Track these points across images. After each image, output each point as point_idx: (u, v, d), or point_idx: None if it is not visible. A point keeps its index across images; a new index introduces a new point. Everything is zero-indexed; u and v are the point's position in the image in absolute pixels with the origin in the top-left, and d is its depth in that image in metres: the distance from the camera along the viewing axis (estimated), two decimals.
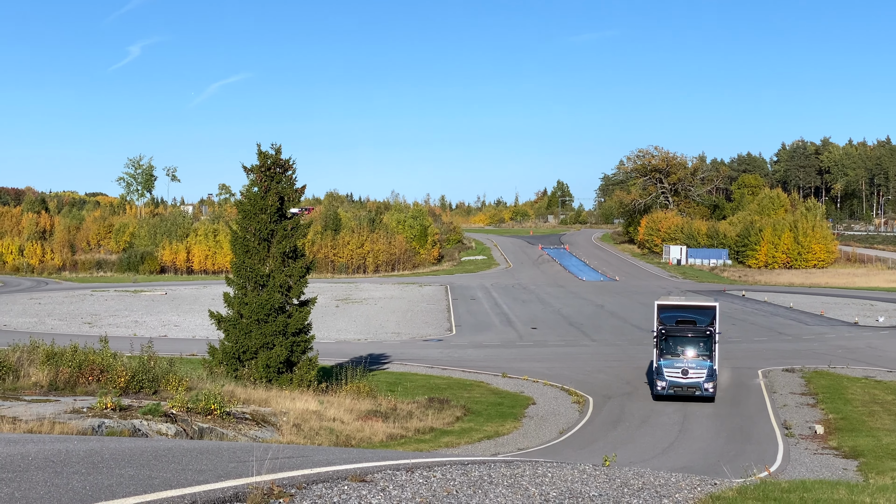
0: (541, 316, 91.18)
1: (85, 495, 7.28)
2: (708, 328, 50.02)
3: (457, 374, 57.76)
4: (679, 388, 48.46)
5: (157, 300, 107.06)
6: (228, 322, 46.49)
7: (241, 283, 46.80)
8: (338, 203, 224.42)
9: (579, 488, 11.47)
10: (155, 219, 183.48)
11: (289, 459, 11.60)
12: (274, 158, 47.36)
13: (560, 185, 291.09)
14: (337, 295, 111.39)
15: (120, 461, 10.01)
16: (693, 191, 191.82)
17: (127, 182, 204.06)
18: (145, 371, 35.74)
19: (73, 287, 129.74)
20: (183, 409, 30.35)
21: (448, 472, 11.30)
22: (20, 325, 78.83)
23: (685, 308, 52.97)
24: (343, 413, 39.42)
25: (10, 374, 34.44)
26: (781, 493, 12.34)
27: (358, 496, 8.70)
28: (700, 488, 13.18)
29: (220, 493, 7.75)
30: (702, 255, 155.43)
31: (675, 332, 49.77)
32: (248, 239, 47.04)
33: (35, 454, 10.37)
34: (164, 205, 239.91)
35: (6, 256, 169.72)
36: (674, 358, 49.08)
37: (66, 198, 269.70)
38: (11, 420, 24.61)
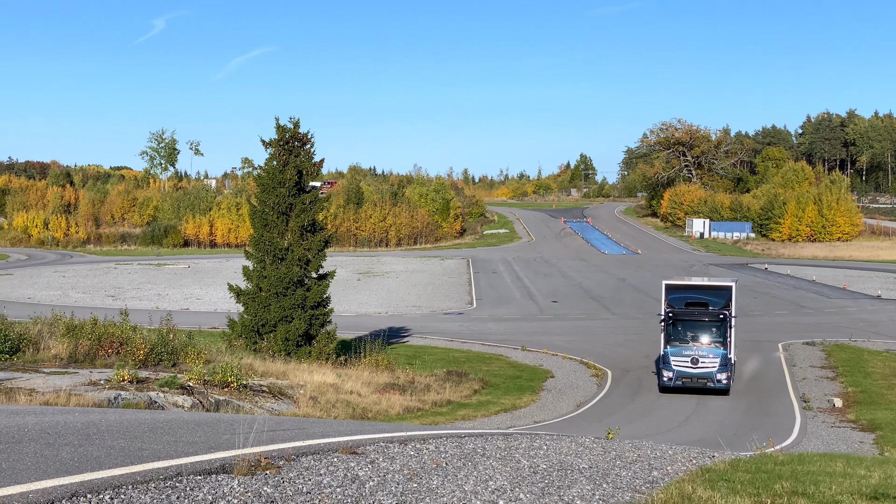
0: (562, 289, 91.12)
1: (71, 467, 7.36)
2: (722, 311, 44.58)
3: (476, 347, 57.86)
4: (688, 379, 43.34)
5: (180, 273, 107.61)
6: (247, 295, 46.71)
7: (260, 257, 46.99)
8: (360, 177, 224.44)
9: (571, 461, 11.51)
10: (178, 192, 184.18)
11: (284, 432, 11.69)
12: (292, 132, 47.42)
13: (583, 159, 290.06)
14: (359, 268, 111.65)
15: (114, 433, 10.11)
16: (717, 164, 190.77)
17: (150, 156, 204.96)
18: (164, 344, 35.99)
19: (97, 260, 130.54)
20: (200, 382, 30.57)
21: (442, 444, 11.35)
22: (44, 298, 79.40)
23: (696, 288, 48.27)
24: (360, 386, 39.59)
25: (31, 347, 34.73)
26: (774, 466, 12.35)
27: (346, 468, 8.77)
28: (696, 461, 13.20)
29: (207, 465, 7.82)
30: (725, 229, 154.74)
31: (684, 315, 44.77)
32: (266, 213, 47.18)
33: (32, 426, 10.49)
34: (187, 179, 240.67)
35: (31, 230, 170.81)
36: (682, 345, 44.02)
37: (91, 171, 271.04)
38: (28, 392, 24.86)
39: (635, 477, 11.03)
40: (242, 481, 7.53)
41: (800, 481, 10.79)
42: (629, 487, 10.19)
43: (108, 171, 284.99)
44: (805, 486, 10.40)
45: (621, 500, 9.44)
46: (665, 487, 10.15)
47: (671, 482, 10.62)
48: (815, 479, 11.07)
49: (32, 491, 6.22)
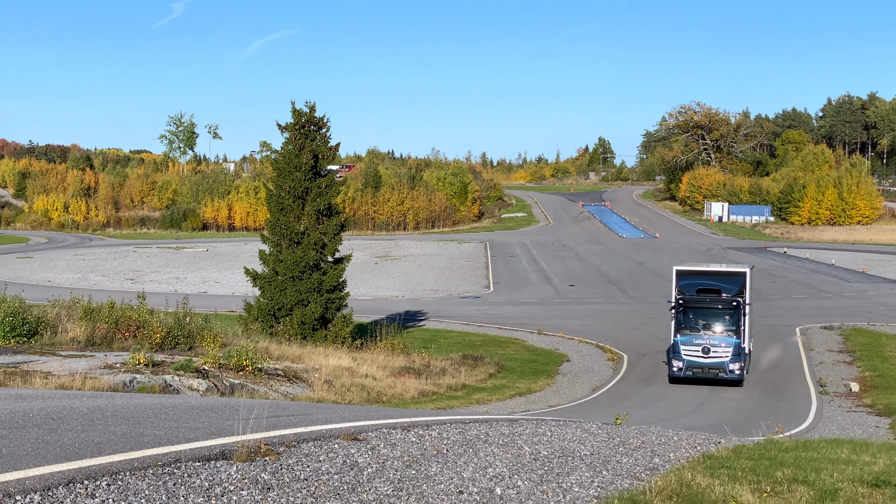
0: (579, 273, 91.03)
1: (71, 453, 7.42)
2: (735, 298, 42.65)
3: (492, 331, 57.89)
4: (699, 370, 41.60)
5: (199, 257, 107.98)
6: (264, 279, 46.86)
7: (276, 241, 47.12)
8: (378, 160, 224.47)
9: (573, 447, 11.53)
10: (197, 176, 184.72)
11: (288, 417, 11.75)
12: (308, 116, 47.48)
13: (602, 142, 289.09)
14: (376, 252, 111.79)
15: (118, 419, 10.18)
16: (736, 147, 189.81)
17: (169, 140, 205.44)
18: (181, 327, 36.18)
19: (116, 243, 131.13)
20: (215, 365, 30.71)
21: (446, 430, 11.38)
22: (64, 281, 79.84)
23: (708, 274, 46.25)
24: (376, 370, 39.70)
25: (49, 330, 34.97)
26: (778, 453, 12.34)
27: (346, 454, 8.81)
28: (702, 447, 13.20)
29: (207, 451, 7.87)
30: (744, 212, 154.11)
31: (696, 302, 42.87)
32: (282, 196, 47.28)
33: (38, 411, 10.57)
34: (206, 162, 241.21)
35: (52, 213, 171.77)
36: (693, 333, 42.15)
37: (111, 155, 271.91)
38: (44, 375, 25.03)
39: (636, 464, 11.04)
40: (241, 468, 7.58)
41: (801, 468, 10.79)
42: (629, 475, 10.21)
43: (128, 154, 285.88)
44: (806, 474, 10.40)
45: (620, 487, 9.46)
46: (665, 475, 10.17)
47: (671, 469, 10.63)
48: (817, 466, 11.06)
49: (30, 477, 6.29)
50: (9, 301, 34.53)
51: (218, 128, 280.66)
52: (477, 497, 8.06)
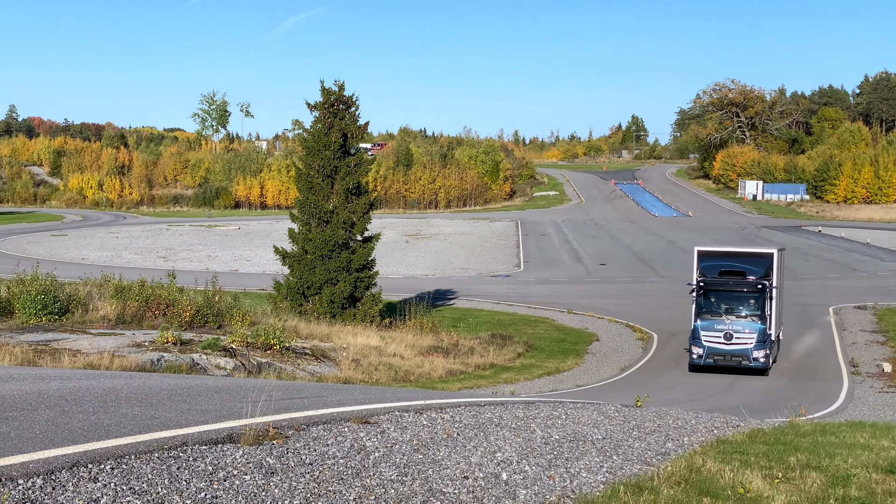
0: (610, 252, 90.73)
1: (79, 436, 7.47)
2: (761, 281, 39.85)
3: (522, 310, 57.83)
4: (720, 357, 39.44)
5: (231, 235, 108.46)
6: (293, 258, 47.00)
7: (306, 220, 47.22)
8: (410, 138, 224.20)
9: (586, 431, 11.49)
10: (229, 154, 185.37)
11: (301, 400, 11.75)
12: (337, 95, 47.49)
13: (635, 120, 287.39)
14: (407, 230, 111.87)
15: (131, 401, 10.22)
16: (771, 124, 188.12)
17: (202, 118, 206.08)
18: (210, 306, 36.38)
19: (149, 221, 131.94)
20: (243, 344, 30.86)
21: (459, 413, 11.37)
22: (97, 259, 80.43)
23: (732, 255, 43.43)
24: (404, 349, 39.76)
25: (80, 308, 35.24)
26: (794, 437, 12.24)
27: (354, 438, 8.81)
28: (719, 430, 13.12)
29: (215, 434, 7.90)
30: (778, 191, 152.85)
31: (717, 285, 40.23)
32: (312, 175, 47.36)
33: (54, 392, 10.64)
34: (238, 140, 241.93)
35: (86, 191, 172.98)
36: (714, 318, 39.80)
37: (145, 133, 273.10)
38: (73, 353, 25.25)
39: (648, 448, 10.99)
40: (247, 452, 7.60)
41: (815, 454, 10.70)
42: (639, 459, 10.16)
43: (162, 132, 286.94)
44: (819, 459, 10.32)
45: (629, 472, 9.41)
46: (675, 459, 10.11)
47: (682, 454, 10.57)
48: (832, 451, 10.96)
49: (34, 461, 6.33)
50: (41, 279, 34.80)
51: (250, 106, 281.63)
52: (482, 482, 8.05)
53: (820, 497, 8.58)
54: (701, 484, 8.85)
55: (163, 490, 6.35)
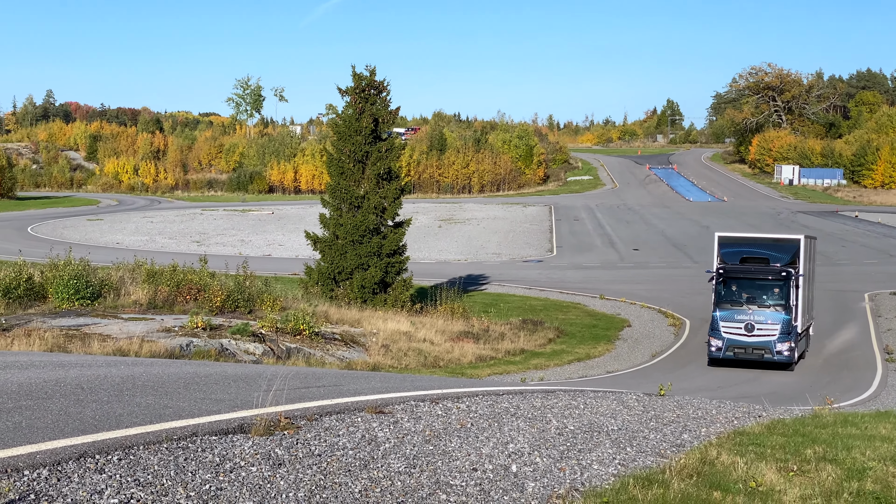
0: (644, 237, 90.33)
1: (90, 426, 7.49)
2: (786, 268, 37.55)
3: (554, 295, 57.70)
4: (741, 350, 37.35)
5: (264, 219, 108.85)
6: (324, 243, 47.12)
7: (337, 205, 47.31)
8: (444, 123, 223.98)
9: (603, 421, 11.42)
10: (263, 139, 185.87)
11: (318, 389, 11.74)
12: (368, 80, 47.48)
13: (670, 104, 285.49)
14: (440, 215, 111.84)
15: (147, 389, 10.25)
16: (808, 109, 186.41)
17: (236, 103, 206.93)
18: (241, 291, 36.49)
19: (184, 206, 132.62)
20: (272, 329, 30.99)
21: (476, 402, 11.33)
22: (132, 243, 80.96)
23: (755, 242, 41.32)
24: (434, 334, 39.77)
25: (112, 293, 35.49)
26: (814, 429, 12.10)
27: (366, 428, 8.80)
28: (740, 420, 13.01)
29: (225, 424, 7.90)
30: (815, 175, 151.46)
31: (738, 272, 37.96)
32: (343, 160, 47.42)
33: (71, 380, 10.69)
34: (273, 125, 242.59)
35: (122, 175, 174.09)
36: (735, 308, 37.59)
37: (181, 118, 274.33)
38: (103, 338, 25.45)
39: (664, 440, 10.91)
40: (257, 442, 7.61)
41: (833, 446, 10.59)
42: (653, 451, 10.09)
43: (197, 117, 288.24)
44: (836, 452, 10.20)
45: (641, 464, 9.35)
46: (689, 452, 10.03)
47: (697, 446, 10.49)
48: (851, 443, 10.84)
49: (41, 451, 6.37)
50: (74, 264, 35.08)
51: (284, 90, 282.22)
52: (490, 475, 8.02)
53: (834, 491, 8.49)
54: (712, 477, 8.78)
55: (167, 482, 6.36)
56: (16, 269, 34.18)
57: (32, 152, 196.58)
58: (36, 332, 24.79)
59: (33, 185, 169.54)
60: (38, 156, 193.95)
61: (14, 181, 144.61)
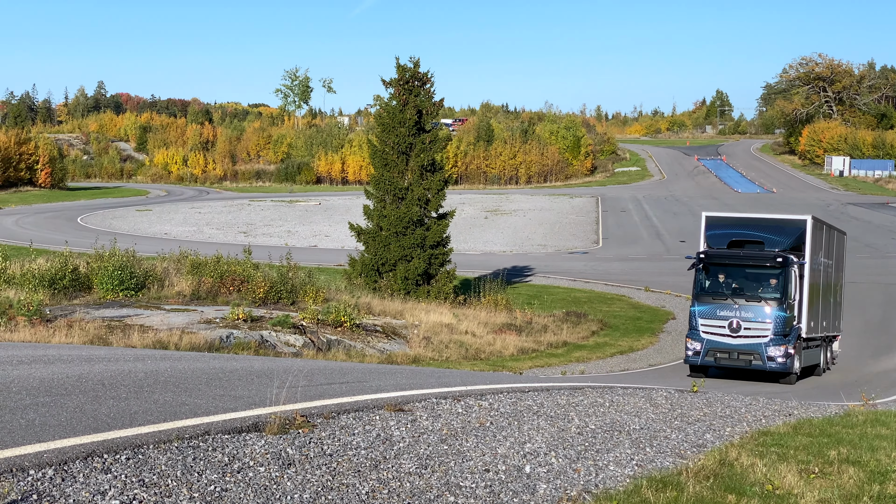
0: (691, 229, 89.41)
1: (103, 423, 7.50)
2: (783, 254, 30.44)
3: (599, 287, 57.38)
4: (724, 355, 30.43)
5: (311, 210, 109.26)
6: (368, 234, 47.17)
7: (380, 196, 47.34)
8: (491, 114, 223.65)
9: (626, 420, 11.28)
10: (311, 130, 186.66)
11: (341, 385, 11.71)
12: (412, 72, 47.42)
13: (719, 95, 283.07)
14: (486, 206, 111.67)
15: (167, 386, 10.27)
16: (859, 99, 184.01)
17: (284, 94, 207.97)
18: (284, 282, 36.60)
19: (232, 197, 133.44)
20: (313, 321, 31.06)
21: (499, 400, 11.23)
22: (180, 234, 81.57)
23: (749, 223, 34.62)
24: (476, 326, 39.66)
25: (156, 283, 35.80)
26: (842, 428, 11.89)
27: (383, 426, 8.74)
28: (769, 419, 12.81)
29: (240, 423, 7.88)
30: (866, 167, 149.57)
31: (723, 258, 31.32)
32: (386, 152, 47.43)
33: (94, 375, 10.76)
34: (321, 116, 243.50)
35: (171, 166, 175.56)
36: (718, 302, 30.66)
37: (230, 109, 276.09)
38: (143, 329, 25.67)
39: (685, 440, 10.76)
40: (269, 441, 7.58)
41: (857, 447, 10.40)
42: (673, 452, 9.95)
43: (246, 108, 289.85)
44: (860, 453, 10.02)
45: (660, 465, 9.21)
46: (709, 452, 9.89)
47: (717, 447, 10.33)
48: (877, 444, 10.64)
49: (49, 450, 6.38)
50: (118, 255, 35.43)
51: (332, 82, 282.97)
52: (503, 475, 7.94)
53: (854, 494, 8.32)
54: (730, 479, 8.64)
55: (172, 482, 6.34)
56: (62, 260, 34.60)
57: (83, 143, 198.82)
58: (78, 324, 25.05)
59: (84, 176, 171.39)
60: (89, 147, 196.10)
61: (65, 172, 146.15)
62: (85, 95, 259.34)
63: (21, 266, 35.61)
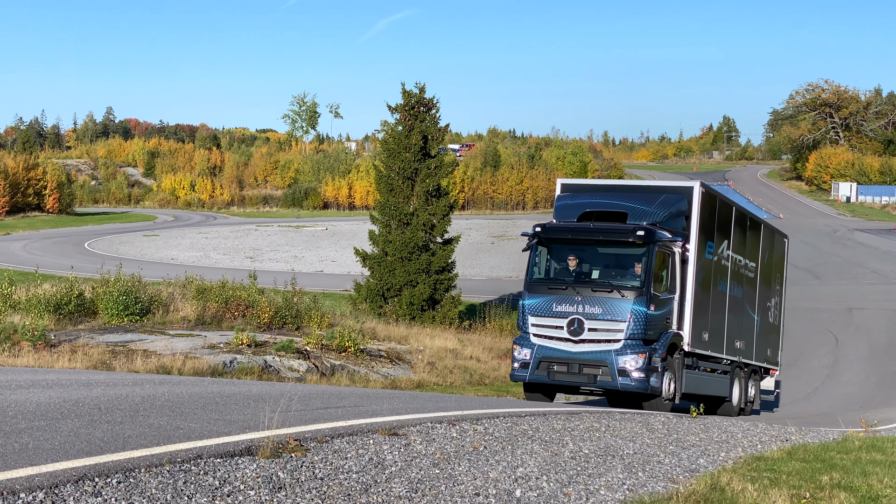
0: None
1: (96, 447, 7.55)
2: (651, 227, 21.53)
3: None
4: (561, 368, 21.48)
5: (318, 235, 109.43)
6: (373, 259, 47.29)
7: (386, 222, 47.49)
8: (498, 139, 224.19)
9: (620, 445, 11.31)
10: (318, 155, 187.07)
11: (337, 409, 11.77)
12: (418, 97, 47.66)
13: (726, 121, 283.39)
14: (493, 231, 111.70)
15: (163, 409, 10.32)
16: (865, 125, 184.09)
17: (292, 119, 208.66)
18: (289, 307, 36.71)
19: (239, 222, 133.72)
20: (317, 346, 31.14)
21: (495, 424, 11.27)
22: (186, 259, 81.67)
23: (613, 190, 25.90)
24: (481, 351, 39.71)
25: (161, 308, 35.92)
26: (837, 453, 11.92)
27: (377, 450, 8.78)
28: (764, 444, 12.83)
29: (232, 447, 7.92)
30: (873, 193, 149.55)
31: (566, 231, 22.65)
32: (392, 177, 47.60)
33: (90, 399, 10.81)
34: (328, 141, 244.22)
35: (179, 191, 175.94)
36: (555, 293, 21.85)
37: (238, 134, 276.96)
38: (146, 354, 25.73)
39: (678, 465, 10.79)
40: (261, 465, 7.62)
41: (850, 473, 10.41)
42: (665, 476, 9.98)
43: (254, 133, 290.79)
44: (852, 478, 10.04)
45: (651, 490, 9.24)
46: (700, 477, 9.92)
47: (709, 472, 10.37)
48: (870, 469, 10.65)
49: (41, 474, 6.42)
50: (123, 280, 35.56)
51: (339, 107, 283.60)
52: (493, 500, 7.93)
53: None
54: None
55: None
56: (67, 285, 34.73)
57: (91, 168, 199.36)
58: (82, 349, 25.14)
59: (92, 201, 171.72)
60: (97, 172, 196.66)
61: (73, 197, 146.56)
62: (94, 121, 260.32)
63: (26, 291, 35.76)
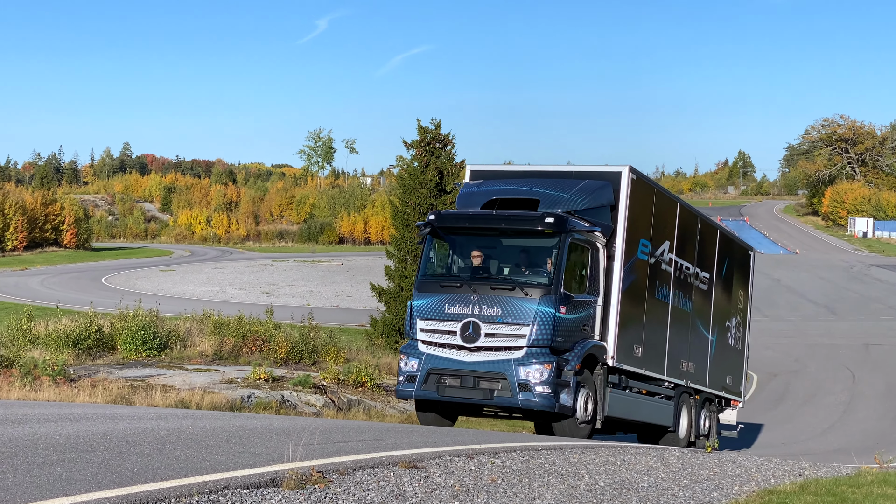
0: None
1: (126, 478, 7.76)
2: (563, 214, 18.39)
3: None
4: (454, 381, 18.30)
5: (333, 270, 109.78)
6: (389, 294, 47.46)
7: (402, 257, 47.71)
8: None
9: (635, 478, 11.48)
10: (334, 190, 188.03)
11: (357, 443, 11.99)
12: (434, 133, 48.03)
13: (742, 156, 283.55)
14: None
15: (189, 442, 10.56)
16: (882, 160, 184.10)
17: (308, 154, 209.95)
18: (305, 342, 36.97)
19: (255, 257, 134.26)
20: (334, 381, 31.36)
21: (512, 458, 11.47)
22: (202, 294, 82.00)
23: (525, 175, 21.42)
24: None
25: (179, 343, 36.22)
26: (849, 488, 12.04)
27: (397, 483, 8.98)
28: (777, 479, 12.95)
29: (258, 478, 8.13)
30: (890, 228, 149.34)
31: (463, 220, 19.66)
32: (408, 213, 47.86)
33: (119, 432, 11.05)
34: (344, 176, 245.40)
35: (195, 227, 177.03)
36: (447, 292, 18.81)
37: (253, 169, 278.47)
38: (165, 389, 26.00)
39: (692, 498, 10.93)
40: (286, 496, 7.82)
41: None
42: None
43: (270, 168, 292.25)
44: None
45: None
46: None
47: None
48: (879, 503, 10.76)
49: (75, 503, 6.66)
50: (142, 315, 35.88)
51: (355, 142, 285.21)
52: None
53: None
54: None
55: None
56: (86, 321, 35.08)
57: (108, 204, 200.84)
58: (101, 383, 25.42)
59: (108, 236, 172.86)
60: (114, 207, 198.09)
61: (90, 232, 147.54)
62: (111, 156, 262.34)
63: (46, 326, 36.14)
